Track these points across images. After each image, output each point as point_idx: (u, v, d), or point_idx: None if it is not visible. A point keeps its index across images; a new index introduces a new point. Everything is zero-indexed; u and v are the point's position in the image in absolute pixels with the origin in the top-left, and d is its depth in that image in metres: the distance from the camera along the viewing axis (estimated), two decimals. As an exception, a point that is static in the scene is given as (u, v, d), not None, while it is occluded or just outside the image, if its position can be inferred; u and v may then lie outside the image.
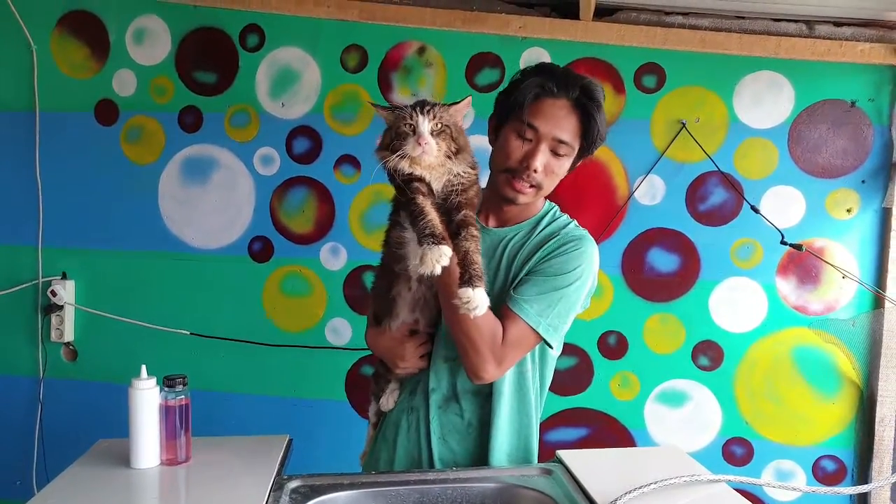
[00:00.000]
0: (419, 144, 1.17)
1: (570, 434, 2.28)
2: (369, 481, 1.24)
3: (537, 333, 1.29)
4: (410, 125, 1.19)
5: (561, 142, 1.30)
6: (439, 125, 1.20)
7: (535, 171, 1.29)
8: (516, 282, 1.33)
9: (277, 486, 1.20)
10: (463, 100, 1.28)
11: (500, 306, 1.30)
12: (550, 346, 1.33)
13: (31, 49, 2.28)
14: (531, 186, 1.32)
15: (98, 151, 2.30)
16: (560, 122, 1.29)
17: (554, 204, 1.46)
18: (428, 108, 1.20)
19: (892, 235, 2.15)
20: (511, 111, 1.31)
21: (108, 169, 2.30)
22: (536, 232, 1.40)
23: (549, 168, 1.31)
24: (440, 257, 1.10)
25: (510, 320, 1.28)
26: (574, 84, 1.30)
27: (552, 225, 1.42)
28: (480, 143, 2.24)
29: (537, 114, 1.29)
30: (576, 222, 1.44)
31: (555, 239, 1.37)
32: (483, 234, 1.34)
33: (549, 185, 1.35)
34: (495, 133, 1.38)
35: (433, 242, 1.10)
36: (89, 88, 2.29)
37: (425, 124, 1.18)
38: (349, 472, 1.31)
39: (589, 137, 1.32)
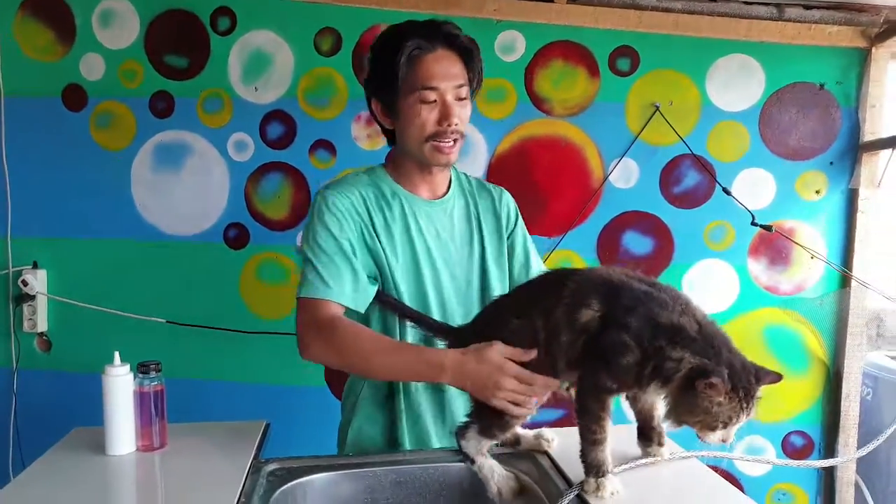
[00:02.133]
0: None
1: (548, 415, 2.30)
2: (346, 463, 1.25)
3: None
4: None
5: (459, 86, 1.32)
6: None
7: (456, 124, 1.32)
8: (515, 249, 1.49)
9: (255, 470, 1.20)
10: None
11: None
12: None
13: (-6, 31, 2.22)
14: (455, 141, 1.35)
15: (67, 137, 2.25)
16: (450, 70, 1.32)
17: None
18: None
19: (858, 216, 2.20)
20: (394, 83, 1.31)
21: (78, 155, 2.26)
22: (473, 192, 1.49)
23: (462, 112, 1.34)
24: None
25: None
26: (437, 31, 1.32)
27: (472, 181, 1.52)
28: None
29: (427, 73, 1.30)
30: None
31: (501, 199, 1.51)
32: (430, 207, 1.42)
33: (464, 131, 1.38)
34: (388, 114, 1.38)
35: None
36: (56, 73, 2.24)
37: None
38: (327, 455, 1.32)
39: (474, 71, 1.36)
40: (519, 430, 1.28)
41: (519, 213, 1.54)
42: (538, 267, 1.53)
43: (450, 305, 1.41)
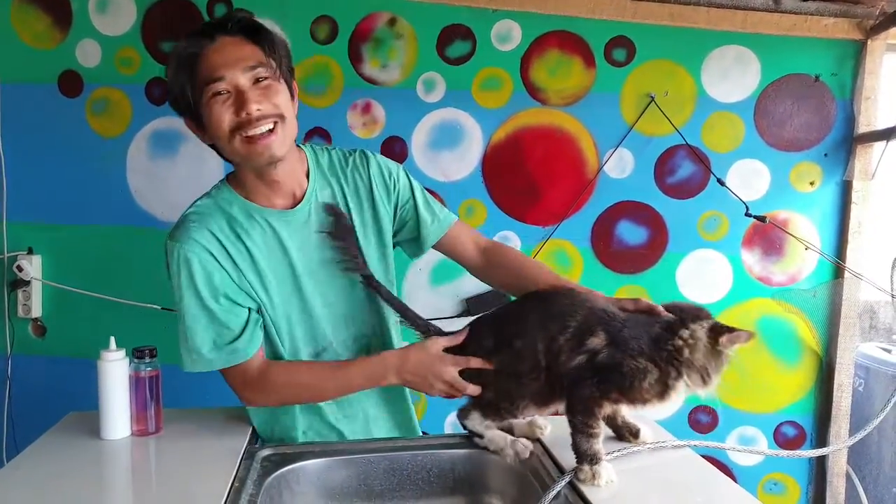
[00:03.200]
0: None
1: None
2: (340, 449, 1.26)
3: None
4: None
5: (251, 67, 1.16)
6: None
7: (259, 110, 1.16)
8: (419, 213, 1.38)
9: (249, 455, 1.21)
10: None
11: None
12: None
13: (-10, 18, 2.21)
14: (270, 129, 1.18)
15: (63, 124, 2.25)
16: (235, 54, 1.16)
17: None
18: None
19: (852, 207, 2.21)
20: (184, 91, 1.18)
21: (74, 142, 2.25)
22: (336, 169, 1.34)
23: (266, 94, 1.17)
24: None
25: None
26: (213, 23, 1.20)
27: (334, 155, 1.36)
28: (454, 115, 2.24)
29: (208, 65, 1.15)
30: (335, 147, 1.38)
31: (367, 166, 1.35)
32: (286, 218, 1.27)
33: (288, 112, 1.21)
34: (198, 127, 1.24)
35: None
36: (52, 59, 2.23)
37: None
38: (320, 441, 1.33)
39: (271, 48, 1.20)
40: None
41: (398, 170, 1.39)
42: (450, 218, 1.43)
43: (338, 312, 1.34)
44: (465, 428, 1.26)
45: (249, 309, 1.26)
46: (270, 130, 1.18)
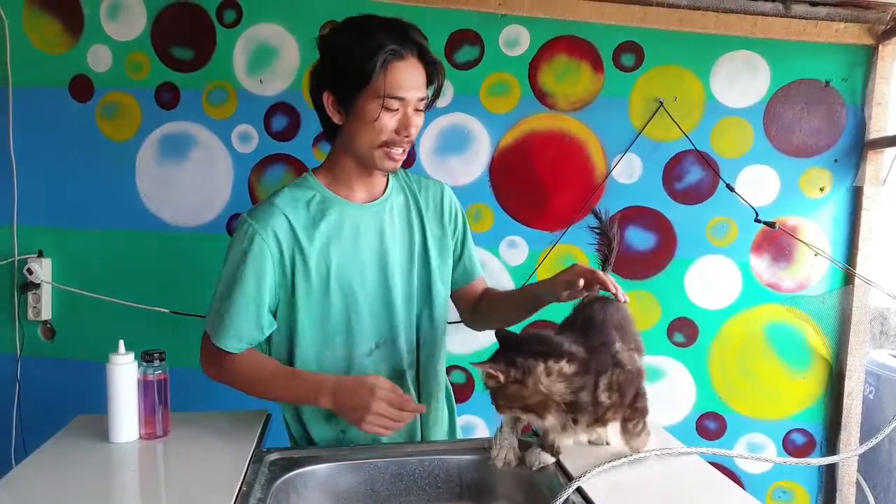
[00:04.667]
0: None
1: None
2: (347, 454, 1.26)
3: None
4: None
5: (421, 99, 1.32)
6: None
7: (411, 134, 1.32)
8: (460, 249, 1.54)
9: (256, 459, 1.21)
10: None
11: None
12: None
13: (3, 23, 2.23)
14: (405, 150, 1.35)
15: (73, 128, 2.27)
16: (416, 82, 1.30)
17: None
18: None
19: (862, 214, 2.19)
20: (361, 83, 1.27)
21: (84, 146, 2.27)
22: (412, 185, 1.50)
23: (417, 122, 1.33)
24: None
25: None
26: (409, 38, 1.29)
27: (410, 175, 1.53)
28: (462, 120, 2.24)
29: (396, 83, 1.26)
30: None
31: (444, 193, 1.53)
32: (365, 210, 1.41)
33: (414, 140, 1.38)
34: (342, 106, 1.33)
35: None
36: (63, 64, 2.25)
37: None
38: (327, 446, 1.33)
39: (436, 83, 1.35)
40: None
41: (464, 213, 1.57)
42: (478, 272, 1.60)
43: (397, 303, 1.42)
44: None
45: (265, 310, 1.34)
46: (404, 150, 1.34)
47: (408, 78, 1.28)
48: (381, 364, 1.41)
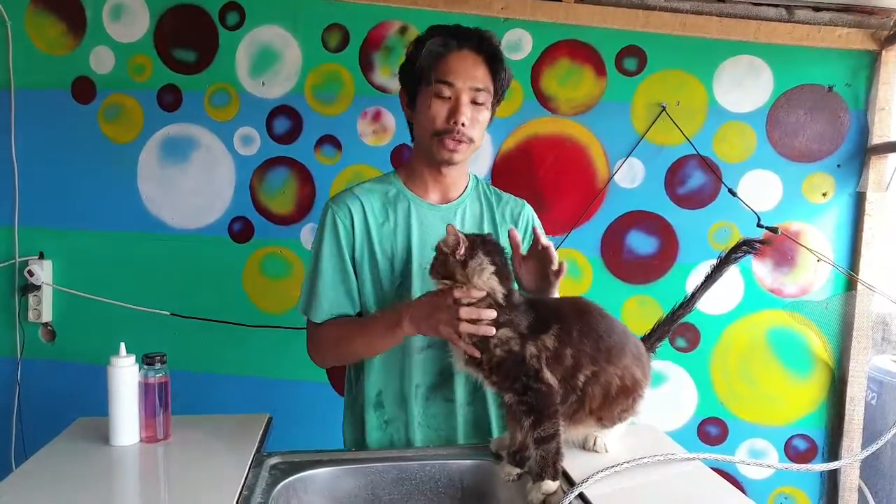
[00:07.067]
0: None
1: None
2: (348, 458, 1.26)
3: None
4: None
5: (478, 90, 1.34)
6: None
7: (464, 124, 1.33)
8: None
9: (257, 463, 1.21)
10: None
11: None
12: None
13: (6, 25, 2.23)
14: (461, 142, 1.35)
15: (76, 129, 2.27)
16: (471, 72, 1.33)
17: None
18: None
19: (865, 219, 2.19)
20: (420, 77, 1.35)
21: (86, 147, 2.27)
22: (491, 198, 1.51)
23: (474, 118, 1.35)
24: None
25: None
26: (471, 34, 1.35)
27: (492, 189, 1.55)
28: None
29: (448, 70, 1.33)
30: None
31: (524, 210, 1.55)
32: (436, 211, 1.44)
33: (479, 137, 1.39)
34: (410, 106, 1.42)
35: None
36: (66, 65, 2.25)
37: None
38: (329, 450, 1.32)
39: (499, 80, 1.37)
40: None
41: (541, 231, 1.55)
42: None
43: None
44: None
45: (354, 282, 1.40)
46: (461, 142, 1.35)
47: (459, 65, 1.32)
48: (431, 363, 1.42)
